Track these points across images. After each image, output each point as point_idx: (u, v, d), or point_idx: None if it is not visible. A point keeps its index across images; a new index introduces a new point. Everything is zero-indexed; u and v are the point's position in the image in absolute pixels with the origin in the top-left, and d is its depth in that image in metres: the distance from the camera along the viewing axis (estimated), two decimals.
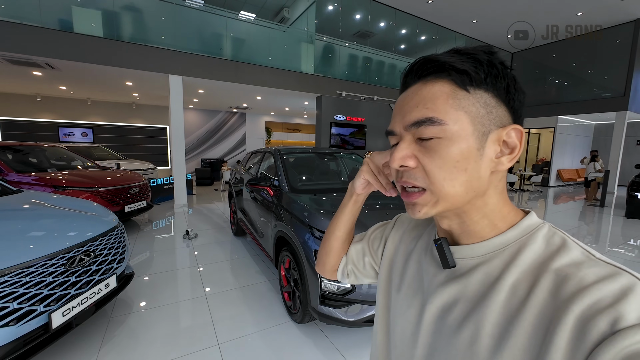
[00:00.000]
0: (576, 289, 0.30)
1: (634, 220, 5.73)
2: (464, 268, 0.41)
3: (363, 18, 8.71)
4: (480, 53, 0.38)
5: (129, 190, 4.24)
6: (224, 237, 4.22)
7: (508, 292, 0.35)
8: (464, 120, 0.36)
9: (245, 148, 11.92)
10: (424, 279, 0.46)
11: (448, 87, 0.37)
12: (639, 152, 11.31)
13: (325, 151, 3.58)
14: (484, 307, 0.36)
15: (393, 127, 0.42)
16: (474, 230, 0.41)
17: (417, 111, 0.38)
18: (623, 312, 0.27)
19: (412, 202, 0.40)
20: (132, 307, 2.36)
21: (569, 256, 0.34)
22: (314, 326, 2.15)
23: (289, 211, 2.29)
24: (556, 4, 7.80)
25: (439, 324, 0.41)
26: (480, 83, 0.37)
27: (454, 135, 0.36)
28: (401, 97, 0.42)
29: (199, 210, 5.91)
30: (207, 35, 6.59)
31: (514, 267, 0.36)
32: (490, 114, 0.37)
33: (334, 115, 7.71)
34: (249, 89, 7.16)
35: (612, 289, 0.29)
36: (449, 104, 0.36)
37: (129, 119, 10.00)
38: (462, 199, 0.38)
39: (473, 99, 0.37)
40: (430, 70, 0.38)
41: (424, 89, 0.38)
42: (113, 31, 5.46)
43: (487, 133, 0.37)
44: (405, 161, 0.39)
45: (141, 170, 6.85)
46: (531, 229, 0.38)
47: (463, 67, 0.36)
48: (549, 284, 0.33)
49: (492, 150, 0.37)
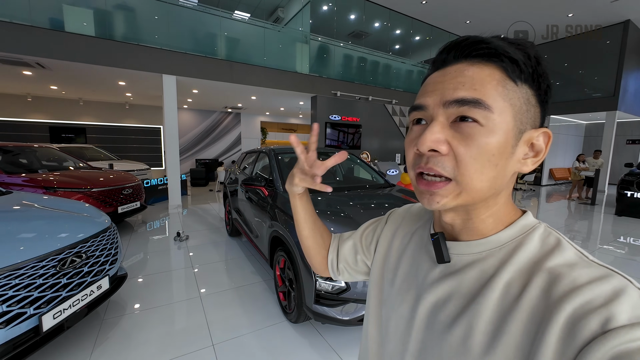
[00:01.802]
0: (569, 289, 0.31)
1: (624, 217, 5.84)
2: (459, 264, 0.41)
3: (358, 18, 8.73)
4: (529, 45, 0.36)
5: (122, 191, 4.20)
6: (219, 237, 4.19)
7: (502, 290, 0.35)
8: (508, 113, 0.34)
9: (241, 148, 11.87)
10: (418, 274, 0.46)
11: (498, 74, 0.34)
12: (629, 151, 11.52)
13: (320, 151, 3.58)
14: (478, 305, 0.36)
15: (424, 101, 0.37)
16: (477, 228, 0.40)
17: (464, 90, 0.34)
18: (614, 312, 0.28)
19: (433, 191, 0.36)
20: (126, 308, 2.34)
21: (563, 256, 0.34)
22: (309, 326, 2.15)
23: (284, 211, 2.29)
24: (547, 6, 7.91)
25: (431, 319, 0.41)
26: (527, 77, 0.35)
27: (496, 126, 0.34)
28: (437, 73, 0.38)
29: (193, 211, 5.87)
30: (201, 34, 6.55)
31: (509, 265, 0.36)
32: (528, 112, 0.36)
33: (329, 115, 7.72)
34: (243, 89, 7.14)
35: (604, 290, 0.29)
36: (497, 92, 0.34)
37: (122, 119, 9.89)
38: (484, 194, 0.36)
39: (519, 93, 0.35)
40: (480, 51, 0.35)
41: (470, 69, 0.35)
42: (105, 30, 5.39)
43: (523, 132, 0.36)
44: (438, 145, 0.35)
45: (135, 170, 6.78)
46: (527, 229, 0.39)
47: (515, 56, 0.34)
48: (542, 282, 0.33)
49: (522, 151, 0.37)
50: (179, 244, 3.85)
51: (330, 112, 7.75)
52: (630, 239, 4.49)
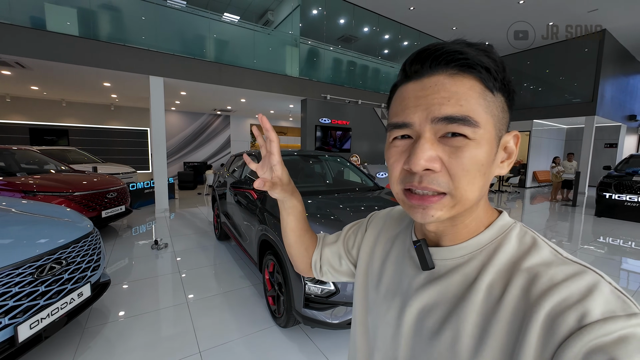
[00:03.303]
0: (546, 287, 0.32)
1: (603, 218, 6.06)
2: (443, 269, 0.41)
3: (347, 23, 8.83)
4: (492, 51, 0.36)
5: (106, 194, 4.08)
6: (208, 241, 4.12)
7: (485, 292, 0.36)
8: (490, 123, 0.35)
9: (230, 151, 11.74)
10: (402, 281, 0.46)
11: (478, 86, 0.34)
12: (607, 154, 12.00)
13: (310, 154, 3.58)
14: (463, 308, 0.37)
15: (409, 118, 0.36)
16: (459, 232, 0.40)
17: (450, 106, 0.34)
18: (589, 308, 0.29)
19: (425, 205, 0.36)
20: (109, 316, 2.26)
21: (540, 255, 0.35)
22: (298, 330, 2.13)
23: (273, 214, 2.27)
24: (529, 15, 8.20)
25: (418, 326, 0.41)
26: (500, 85, 0.35)
27: (482, 138, 0.34)
28: (415, 85, 0.37)
29: (181, 215, 5.76)
30: (189, 36, 6.48)
31: (490, 267, 0.37)
32: (503, 119, 0.37)
33: (319, 119, 7.74)
34: (233, 92, 7.08)
35: (578, 287, 0.31)
36: (480, 105, 0.34)
37: (107, 121, 9.65)
38: (474, 203, 0.37)
39: (497, 102, 0.36)
40: (458, 62, 0.34)
41: (451, 82, 0.34)
42: (90, 30, 5.26)
43: (500, 137, 0.37)
44: (432, 163, 0.34)
45: (120, 174, 6.62)
46: (505, 229, 0.40)
47: (489, 65, 0.34)
48: (522, 282, 0.34)
49: (500, 156, 0.38)
50: (157, 253, 3.62)
51: (320, 115, 7.77)
52: (609, 239, 4.66)
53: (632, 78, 11.62)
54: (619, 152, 11.67)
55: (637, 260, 3.76)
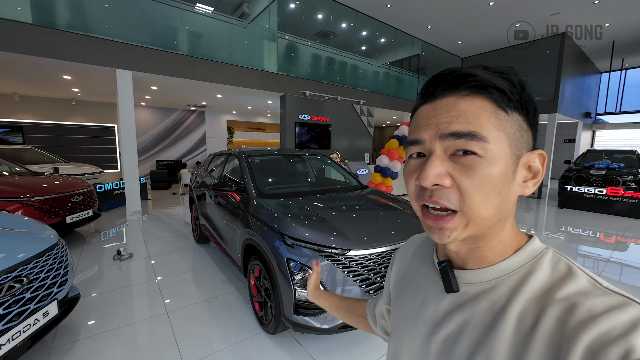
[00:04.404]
0: (585, 318, 0.30)
1: (565, 209, 6.53)
2: (468, 294, 0.40)
3: (325, 18, 8.73)
4: (511, 73, 0.37)
5: (71, 198, 3.76)
6: (186, 244, 3.94)
7: (516, 322, 0.34)
8: (504, 141, 0.35)
9: (206, 148, 11.31)
10: (426, 307, 0.44)
11: (489, 105, 0.35)
12: (567, 149, 12.94)
13: (291, 153, 3.51)
14: (493, 338, 0.35)
15: (420, 136, 0.38)
16: (485, 255, 0.39)
17: (458, 123, 0.35)
18: (635, 343, 0.27)
19: (441, 226, 0.36)
20: (79, 333, 2.09)
21: (576, 284, 0.33)
22: (287, 335, 2.09)
23: (258, 217, 2.19)
24: (497, 16, 8.56)
25: (445, 356, 0.39)
26: (516, 105, 0.36)
27: (494, 155, 0.35)
28: (428, 107, 0.39)
29: (155, 217, 5.47)
30: (160, 27, 6.09)
31: (520, 294, 0.35)
32: (522, 137, 0.37)
33: (298, 115, 7.64)
34: (208, 87, 6.78)
35: (622, 320, 0.29)
36: (491, 123, 0.35)
37: (69, 117, 8.90)
38: (491, 222, 0.37)
39: (512, 121, 0.36)
40: (468, 83, 0.36)
41: (462, 102, 0.36)
42: (46, 17, 4.78)
43: (520, 157, 0.37)
44: (441, 179, 0.35)
45: (85, 174, 6.16)
46: (535, 254, 0.38)
47: (502, 86, 0.35)
48: (557, 312, 0.32)
49: (521, 175, 0.37)
50: (120, 264, 3.25)
51: (300, 111, 7.67)
52: (570, 228, 5.03)
53: (587, 78, 12.56)
54: (577, 147, 12.63)
55: (594, 247, 4.09)
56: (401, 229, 2.06)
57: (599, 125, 14.14)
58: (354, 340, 2.04)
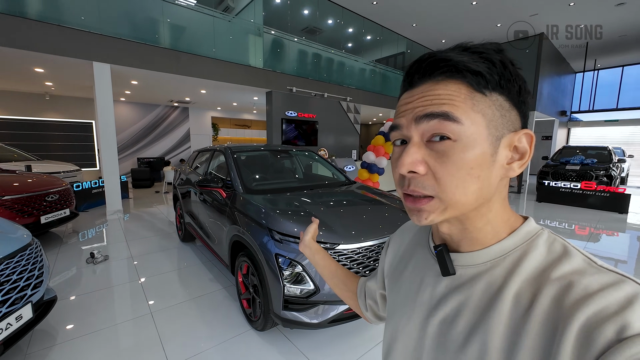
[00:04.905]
0: (581, 297, 0.30)
1: (544, 203, 6.80)
2: (465, 277, 0.40)
3: (311, 14, 8.67)
4: (492, 52, 0.35)
5: (45, 197, 3.57)
6: (170, 243, 3.84)
7: (512, 302, 0.34)
8: (480, 123, 0.34)
9: (190, 145, 11.04)
10: (422, 290, 0.44)
11: (465, 88, 0.35)
12: (545, 146, 13.46)
13: (278, 149, 3.47)
14: (490, 319, 0.35)
15: (398, 121, 0.39)
16: (475, 237, 0.39)
17: (432, 106, 0.35)
18: (629, 320, 0.27)
19: (419, 208, 0.37)
20: (56, 337, 1.99)
21: (571, 264, 0.34)
22: (276, 332, 2.07)
23: (245, 213, 2.16)
24: (480, 16, 8.77)
25: (442, 338, 0.39)
26: (495, 86, 0.35)
27: (469, 139, 0.34)
28: (407, 94, 0.39)
29: (137, 216, 5.29)
30: (140, 19, 5.86)
31: (516, 275, 0.35)
32: (504, 117, 0.36)
33: (285, 111, 7.57)
34: (191, 82, 6.61)
35: (617, 297, 0.29)
36: (467, 105, 0.34)
37: (42, 113, 8.45)
38: (471, 206, 0.36)
39: (489, 102, 0.35)
40: (442, 69, 0.35)
41: (437, 87, 0.36)
42: (14, 6, 4.50)
43: (500, 138, 0.36)
44: (415, 166, 0.36)
45: (61, 172, 5.87)
46: (531, 235, 0.38)
47: (477, 68, 0.34)
48: (553, 291, 0.32)
49: (504, 156, 0.36)
50: (94, 268, 3.06)
51: (286, 108, 7.60)
52: (547, 221, 5.25)
53: (562, 78, 13.10)
54: (553, 144, 13.17)
55: (570, 239, 4.29)
56: (389, 223, 2.08)
57: (573, 123, 14.80)
58: (343, 334, 2.05)
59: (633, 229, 4.83)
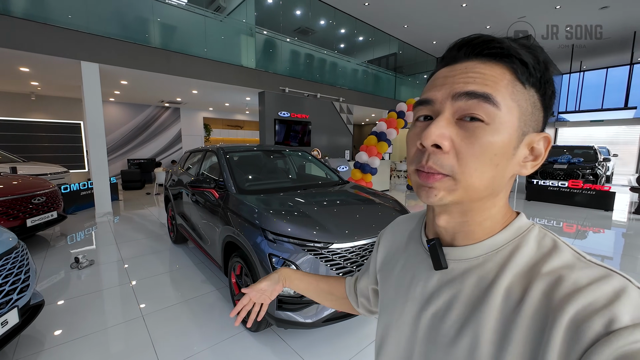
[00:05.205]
0: (570, 291, 0.31)
1: (532, 202, 6.94)
2: (457, 270, 0.40)
3: (304, 14, 8.68)
4: (539, 50, 0.36)
5: (32, 199, 3.49)
6: (162, 246, 3.78)
7: (503, 296, 0.35)
8: (514, 113, 0.34)
9: (181, 146, 10.91)
10: (415, 284, 0.45)
11: (509, 75, 0.35)
12: None
13: (271, 149, 3.46)
14: (481, 312, 0.35)
15: (432, 95, 0.37)
16: (472, 231, 0.39)
17: (474, 84, 0.34)
18: (617, 313, 0.28)
19: (430, 184, 0.35)
20: (44, 342, 1.94)
21: (561, 258, 0.34)
22: (270, 332, 2.06)
23: (238, 214, 2.14)
24: (470, 19, 8.91)
25: (434, 332, 0.40)
26: (535, 82, 0.35)
27: (502, 125, 0.34)
28: (447, 69, 0.37)
29: (128, 218, 5.20)
30: (129, 18, 5.77)
31: (507, 270, 0.36)
32: (533, 115, 0.36)
33: (277, 112, 7.55)
34: (182, 82, 6.53)
35: (605, 291, 0.30)
36: (507, 91, 0.34)
37: (28, 113, 8.23)
38: (480, 193, 0.36)
39: (527, 95, 0.35)
40: (492, 50, 0.35)
41: (482, 67, 0.35)
42: None
43: (525, 134, 0.36)
44: (442, 140, 0.34)
45: (48, 174, 5.75)
46: (522, 231, 0.38)
47: (527, 59, 0.34)
48: (543, 286, 0.33)
49: (522, 154, 0.36)
50: (79, 273, 2.96)
51: (279, 108, 7.58)
52: (536, 219, 5.36)
53: None
54: None
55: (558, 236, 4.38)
56: (382, 221, 2.09)
57: (560, 123, 15.16)
58: (337, 333, 2.06)
59: (618, 226, 4.97)
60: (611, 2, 7.77)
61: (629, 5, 7.94)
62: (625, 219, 5.49)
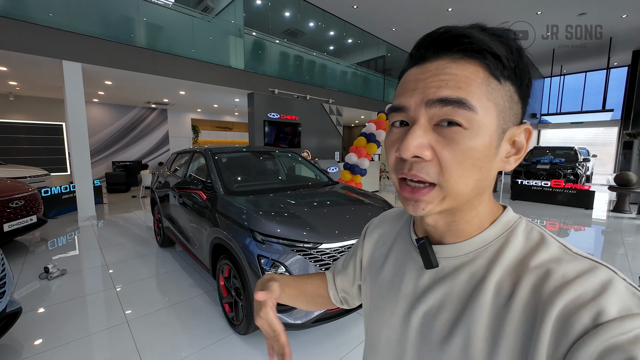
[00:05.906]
0: (558, 284, 0.31)
1: (517, 201, 7.12)
2: (448, 268, 0.39)
3: (293, 16, 8.69)
4: (510, 38, 0.34)
5: (9, 203, 3.35)
6: (148, 250, 3.69)
7: (494, 292, 0.34)
8: (492, 112, 0.33)
9: (169, 148, 10.70)
10: (405, 283, 0.44)
11: (482, 72, 0.33)
12: None
13: (260, 150, 3.44)
14: (473, 310, 0.35)
15: (405, 102, 0.35)
16: (462, 229, 0.39)
17: (447, 89, 0.32)
18: (604, 306, 0.28)
19: (417, 198, 0.35)
20: (22, 351, 1.86)
21: (549, 252, 0.34)
22: (259, 335, 2.04)
23: (226, 215, 2.12)
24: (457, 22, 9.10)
25: (426, 330, 0.39)
26: (510, 74, 0.33)
27: (480, 128, 0.32)
28: (417, 69, 0.36)
29: (112, 222, 5.06)
30: (114, 17, 5.64)
31: (497, 265, 0.36)
32: (511, 110, 0.35)
33: (267, 113, 7.51)
34: (169, 83, 6.42)
35: (592, 284, 0.30)
36: (482, 91, 0.32)
37: (5, 114, 7.91)
38: (468, 197, 0.35)
39: (503, 91, 0.33)
40: (462, 45, 0.33)
41: (453, 66, 0.33)
42: None
43: (505, 130, 0.35)
44: (422, 151, 0.33)
45: (27, 177, 5.54)
46: (510, 225, 0.38)
47: (499, 51, 0.32)
48: (532, 280, 0.33)
49: (505, 150, 0.36)
50: (48, 283, 2.75)
51: (269, 110, 7.55)
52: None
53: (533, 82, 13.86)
54: None
55: None
56: None
57: (543, 125, 15.66)
58: (327, 334, 2.05)
59: (598, 224, 5.16)
60: (589, 9, 8.10)
61: (604, 13, 8.30)
62: (604, 216, 5.70)
